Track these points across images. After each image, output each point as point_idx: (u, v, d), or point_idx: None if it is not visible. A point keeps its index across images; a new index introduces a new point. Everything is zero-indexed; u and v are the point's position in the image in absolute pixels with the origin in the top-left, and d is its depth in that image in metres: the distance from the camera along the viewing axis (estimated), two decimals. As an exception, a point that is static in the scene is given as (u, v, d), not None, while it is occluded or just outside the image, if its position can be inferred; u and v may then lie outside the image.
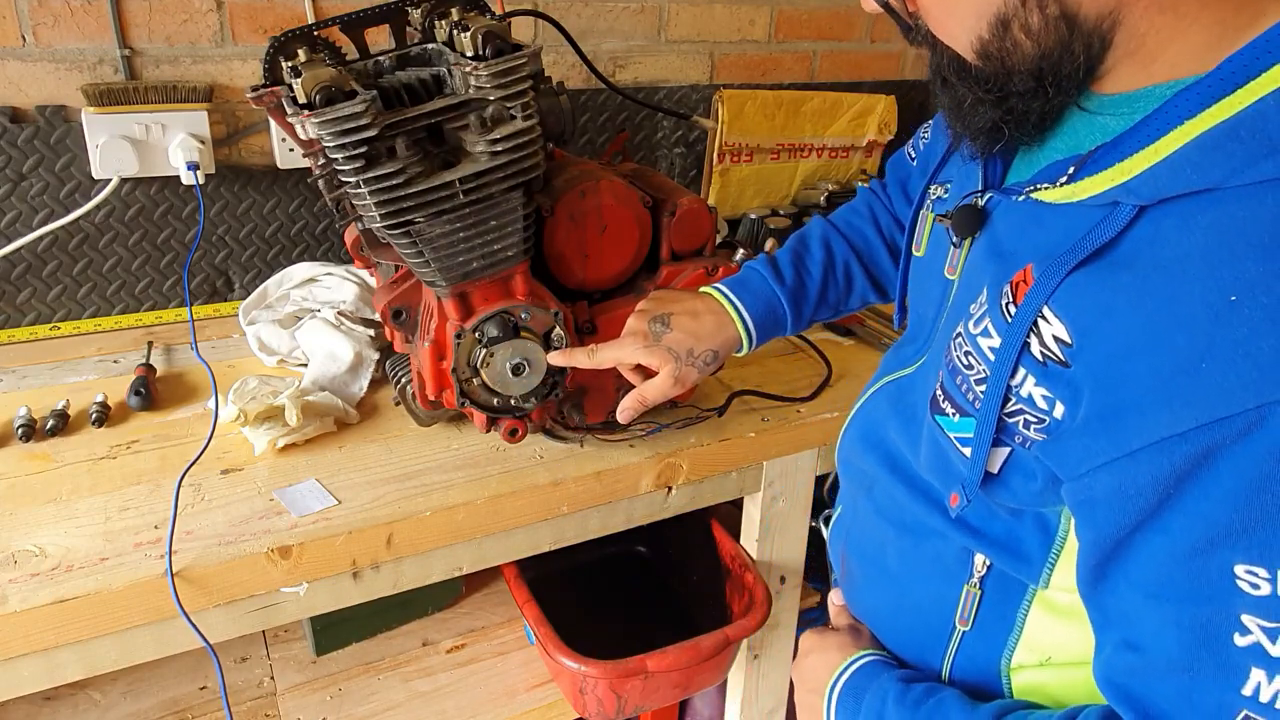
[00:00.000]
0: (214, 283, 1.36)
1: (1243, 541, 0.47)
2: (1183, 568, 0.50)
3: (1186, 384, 0.48)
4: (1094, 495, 0.53)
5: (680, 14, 1.57)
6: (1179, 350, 0.48)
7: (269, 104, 0.88)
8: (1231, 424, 0.46)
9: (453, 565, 0.99)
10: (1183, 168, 0.50)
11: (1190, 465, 0.48)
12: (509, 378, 0.91)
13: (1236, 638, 0.48)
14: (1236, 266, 0.47)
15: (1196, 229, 0.49)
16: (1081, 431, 0.53)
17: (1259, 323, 0.46)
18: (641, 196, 0.98)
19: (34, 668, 0.81)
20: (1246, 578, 0.47)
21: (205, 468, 0.96)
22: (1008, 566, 0.65)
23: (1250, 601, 0.47)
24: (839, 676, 0.74)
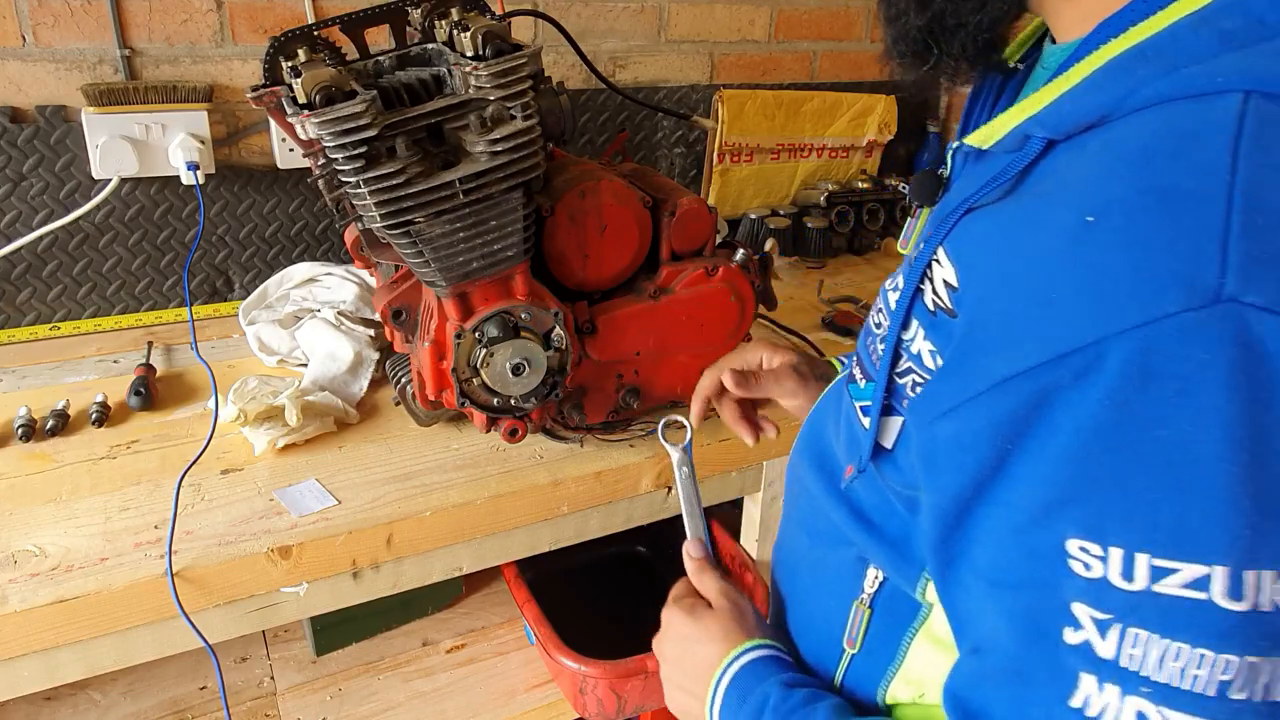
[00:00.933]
0: (214, 283, 1.36)
1: (1075, 510, 0.40)
2: (1017, 545, 0.43)
3: (1035, 317, 0.41)
4: (935, 449, 0.47)
5: (680, 14, 1.57)
6: (1035, 282, 0.42)
7: (269, 104, 0.88)
8: (1069, 362, 0.39)
9: (453, 565, 0.99)
10: (1085, 92, 0.45)
11: (1027, 412, 0.41)
12: (509, 378, 0.91)
13: (1067, 633, 0.41)
14: (1103, 185, 0.41)
15: (1083, 154, 0.44)
16: (937, 377, 0.48)
17: (1110, 246, 0.39)
18: (641, 196, 0.98)
19: (34, 668, 0.81)
20: (1079, 555, 0.40)
21: (205, 468, 0.96)
22: (894, 569, 0.59)
23: (1080, 586, 0.40)
24: (725, 670, 0.64)
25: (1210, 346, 0.36)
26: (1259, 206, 0.37)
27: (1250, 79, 0.40)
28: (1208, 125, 0.39)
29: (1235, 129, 0.39)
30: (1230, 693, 0.37)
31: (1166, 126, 0.41)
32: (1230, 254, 0.36)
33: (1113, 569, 0.39)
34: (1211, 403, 0.36)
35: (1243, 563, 0.36)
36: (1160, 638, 0.38)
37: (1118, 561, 0.38)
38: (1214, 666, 0.37)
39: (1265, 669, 0.37)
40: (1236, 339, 0.36)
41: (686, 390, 1.08)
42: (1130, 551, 0.38)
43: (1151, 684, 0.38)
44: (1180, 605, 0.37)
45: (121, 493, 0.92)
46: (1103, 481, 0.39)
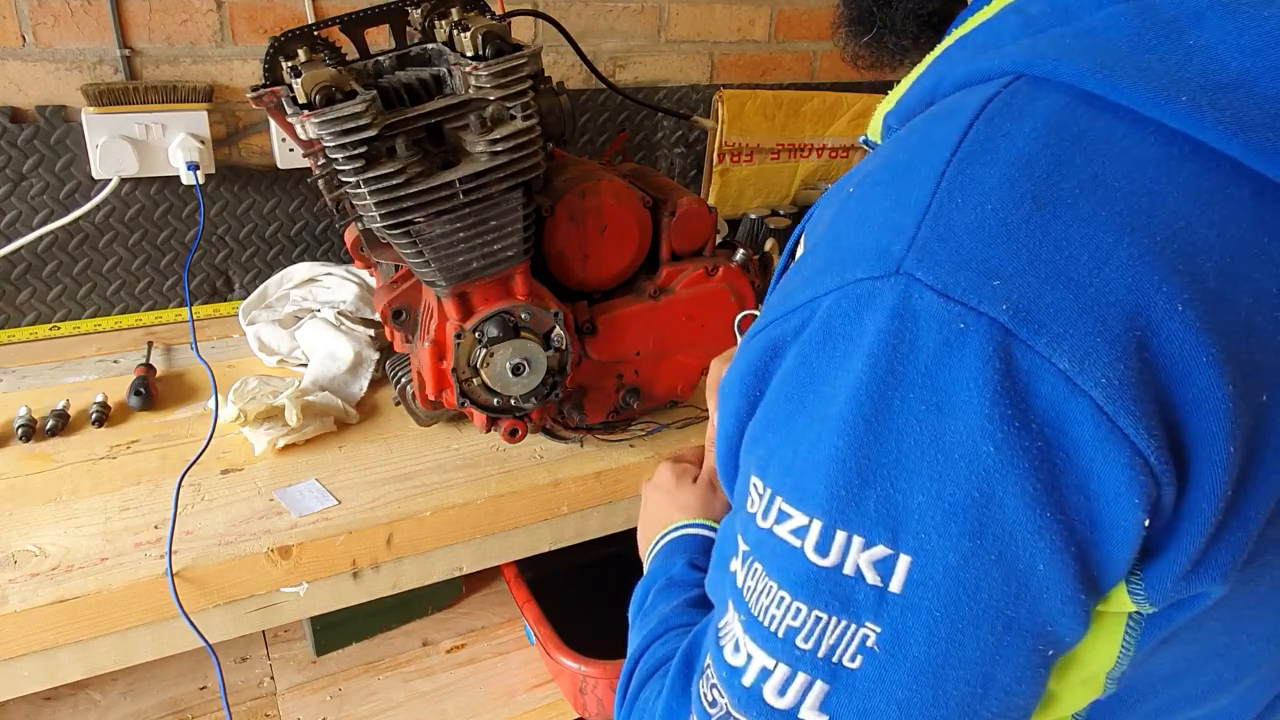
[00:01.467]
0: (214, 283, 1.36)
1: (759, 449, 0.42)
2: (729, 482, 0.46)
3: (789, 277, 0.43)
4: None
5: (680, 14, 1.57)
6: (804, 251, 0.44)
7: (269, 104, 0.88)
8: (793, 317, 0.40)
9: (453, 565, 0.99)
10: (918, 81, 0.46)
11: (764, 362, 0.42)
12: (509, 378, 0.91)
13: (733, 561, 0.43)
14: (867, 165, 0.43)
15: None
16: None
17: (848, 215, 0.41)
18: (641, 196, 0.98)
19: (34, 668, 0.81)
20: (752, 491, 0.42)
21: (205, 468, 0.96)
22: None
23: (745, 519, 0.42)
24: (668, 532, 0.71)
25: (873, 312, 0.37)
26: (961, 186, 0.37)
27: (1020, 63, 0.40)
28: (959, 109, 0.40)
29: (974, 114, 0.39)
30: (796, 640, 0.38)
31: (938, 109, 0.42)
32: (921, 230, 0.37)
33: (759, 506, 0.41)
34: (854, 366, 0.37)
35: (836, 521, 0.37)
36: (765, 575, 0.40)
37: (765, 500, 0.40)
38: (788, 610, 0.39)
39: (833, 629, 0.38)
40: (895, 310, 0.36)
41: (687, 390, 1.08)
42: (774, 493, 0.40)
43: (749, 615, 0.41)
44: (782, 548, 0.39)
45: (121, 493, 0.92)
46: (776, 426, 0.41)
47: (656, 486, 0.76)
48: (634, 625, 0.63)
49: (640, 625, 0.62)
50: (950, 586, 0.36)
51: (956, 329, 0.35)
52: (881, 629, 0.37)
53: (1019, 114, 0.38)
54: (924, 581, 0.36)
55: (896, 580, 0.36)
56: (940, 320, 0.35)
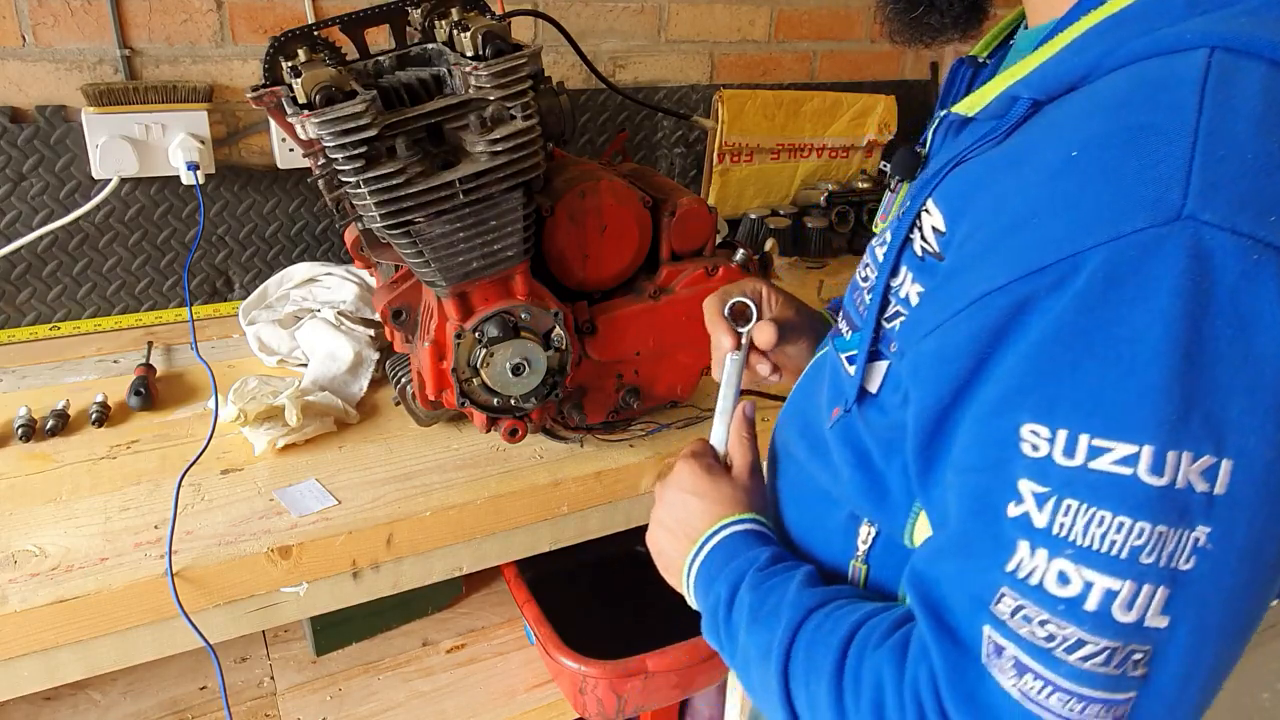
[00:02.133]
0: (214, 283, 1.36)
1: (1032, 399, 0.45)
2: (980, 433, 0.48)
3: (1014, 240, 0.46)
4: (920, 363, 0.51)
5: (680, 14, 1.57)
6: (1016, 211, 0.47)
7: (269, 104, 0.88)
8: (1046, 275, 0.44)
9: (453, 565, 0.99)
10: (1069, 56, 0.50)
11: (1005, 321, 0.45)
12: (509, 378, 0.91)
13: (1010, 507, 0.46)
14: (1084, 126, 0.46)
15: (1066, 107, 0.49)
16: (921, 303, 0.52)
17: (1089, 175, 0.44)
18: (641, 196, 0.98)
19: (34, 668, 0.81)
20: (1029, 438, 0.45)
21: (205, 468, 0.96)
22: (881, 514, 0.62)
23: (1027, 464, 0.45)
24: (717, 531, 0.68)
25: (1167, 257, 0.41)
26: (1220, 141, 0.42)
27: (1214, 37, 0.45)
28: (1177, 74, 0.45)
29: (1202, 76, 0.44)
30: (1140, 557, 0.42)
31: (1140, 77, 0.46)
32: (1192, 180, 0.42)
33: (1057, 448, 0.44)
34: (1160, 305, 0.41)
35: (1167, 444, 0.42)
36: (1088, 507, 0.43)
37: (1062, 441, 0.44)
38: (1130, 533, 0.42)
39: (1171, 539, 0.42)
40: (1189, 250, 0.41)
41: (687, 390, 1.08)
42: (1075, 432, 0.43)
43: (1075, 547, 0.44)
44: (1109, 479, 0.43)
45: (121, 493, 0.92)
46: (1059, 372, 0.44)
47: (687, 488, 0.72)
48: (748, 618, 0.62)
49: (761, 618, 0.61)
50: (1265, 479, 0.42)
51: (1251, 260, 0.41)
52: (1211, 528, 0.42)
53: (1239, 79, 0.44)
54: (1245, 480, 0.42)
55: (1221, 483, 0.42)
56: (1236, 255, 0.41)
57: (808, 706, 0.56)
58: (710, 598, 0.66)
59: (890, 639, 0.52)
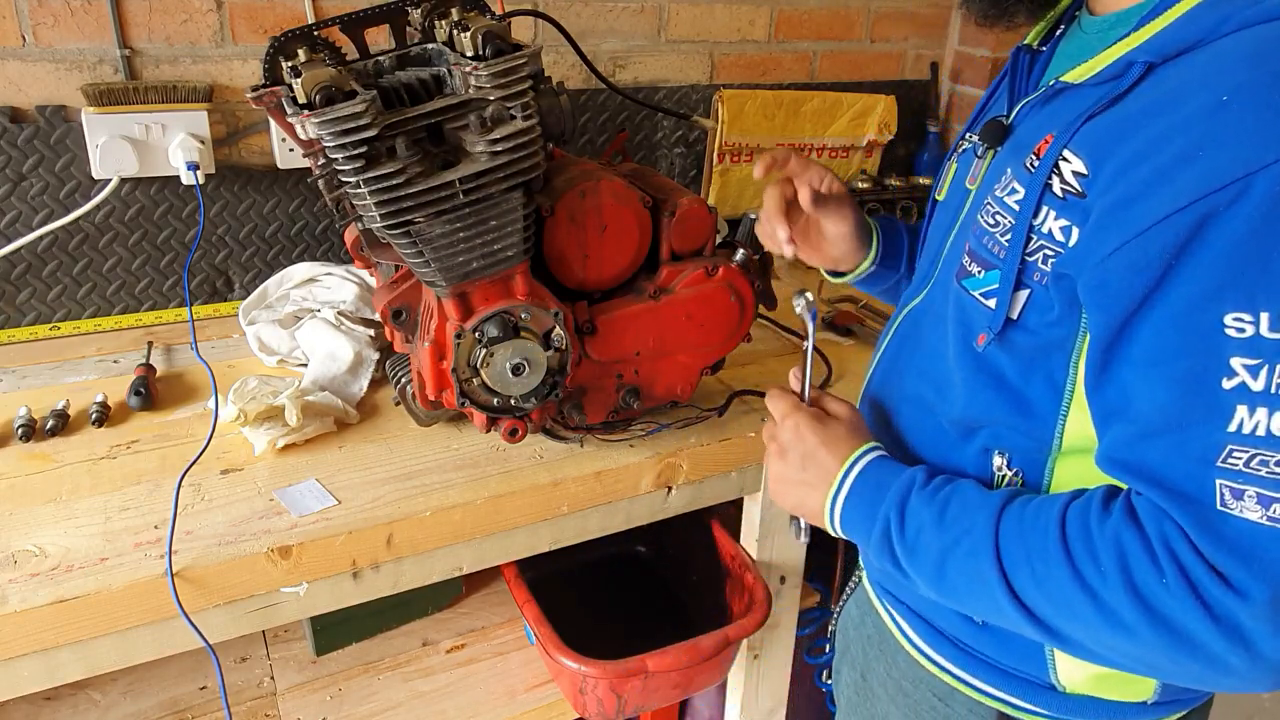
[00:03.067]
0: (214, 283, 1.36)
1: (1231, 292, 0.53)
2: (1177, 329, 0.55)
3: (1187, 169, 0.54)
4: (1106, 277, 0.58)
5: (680, 14, 1.57)
6: (1180, 146, 0.55)
7: (269, 104, 0.88)
8: (1224, 193, 0.53)
9: (453, 565, 0.99)
10: (1184, 24, 0.59)
11: (1189, 233, 0.54)
12: (509, 378, 0.91)
13: (1224, 381, 0.54)
14: (1227, 76, 0.55)
15: (1194, 65, 0.58)
16: (1096, 228, 0.59)
17: (1246, 112, 0.54)
18: (641, 196, 0.98)
19: (34, 668, 0.81)
20: (1234, 325, 0.53)
21: (205, 468, 0.96)
22: (1021, 434, 0.70)
23: (1236, 344, 0.53)
24: (851, 466, 0.74)
25: None
26: None
27: None
28: None
29: None
30: None
31: (1267, 36, 0.56)
32: None
33: (1264, 326, 0.52)
34: None
35: None
36: None
37: (1266, 320, 0.52)
38: None
39: None
40: None
41: (687, 390, 1.08)
42: (1276, 311, 0.52)
43: None
44: None
45: (121, 493, 0.92)
46: (1251, 269, 0.53)
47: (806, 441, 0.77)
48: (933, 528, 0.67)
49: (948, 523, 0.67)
50: None
51: None
52: None
53: None
54: None
55: None
56: None
57: (1037, 588, 0.61)
58: (877, 523, 0.71)
59: (1112, 511, 0.60)
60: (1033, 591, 0.62)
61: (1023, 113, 0.72)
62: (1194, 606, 0.55)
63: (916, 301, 0.83)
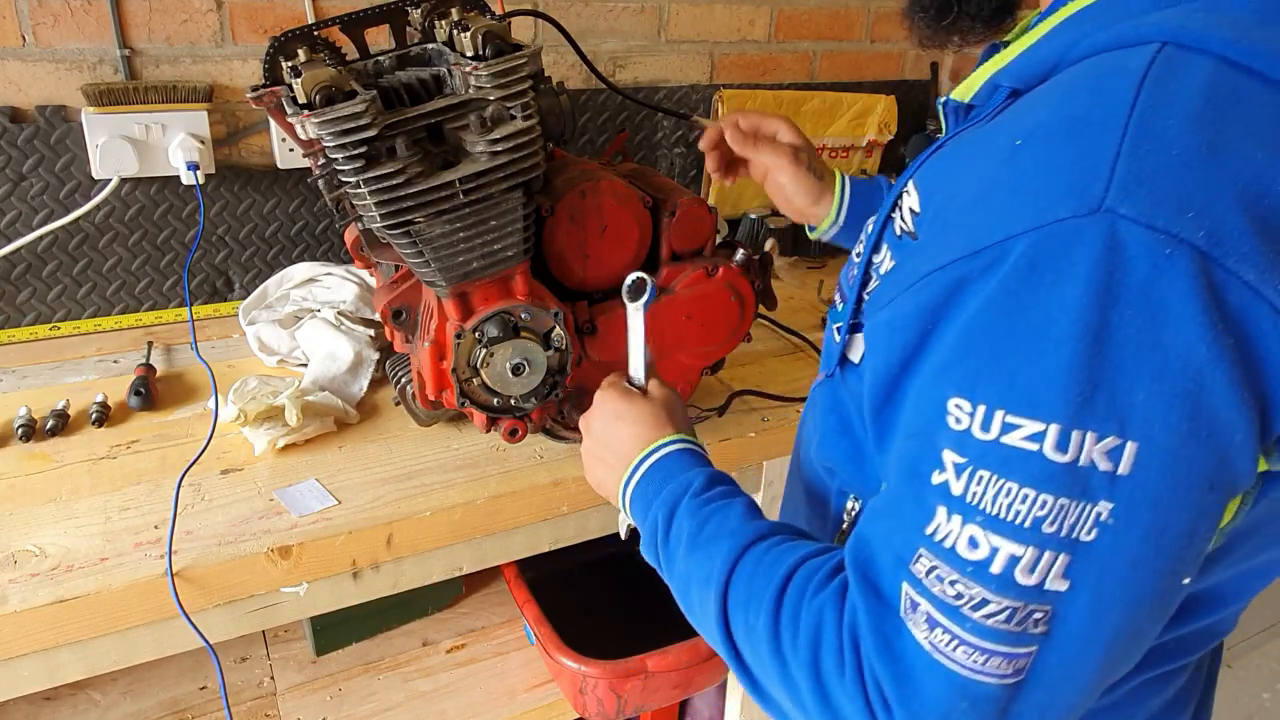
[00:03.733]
0: (214, 283, 1.36)
1: (958, 374, 0.48)
2: (915, 404, 0.51)
3: (962, 222, 0.49)
4: (873, 333, 0.55)
5: (680, 14, 1.57)
6: (971, 190, 0.50)
7: (269, 104, 0.88)
8: (981, 257, 0.47)
9: (453, 565, 0.99)
10: (1040, 46, 0.53)
11: (946, 298, 0.48)
12: (509, 378, 0.91)
13: (934, 475, 0.48)
14: (1031, 115, 0.49)
15: (1030, 96, 0.52)
16: (882, 282, 0.56)
17: (1027, 163, 0.47)
18: (641, 196, 0.98)
19: (34, 668, 0.81)
20: (954, 411, 0.47)
21: (205, 468, 0.96)
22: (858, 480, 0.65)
23: (950, 436, 0.47)
24: (650, 454, 0.69)
25: (1083, 246, 0.43)
26: (1147, 135, 0.44)
27: (1168, 32, 0.47)
28: (1122, 69, 0.47)
29: (1143, 72, 0.46)
30: (1042, 526, 0.45)
31: (1091, 69, 0.49)
32: (1116, 173, 0.43)
33: (975, 422, 0.46)
34: (1073, 292, 0.43)
35: (1072, 424, 0.44)
36: (998, 478, 0.46)
37: (980, 416, 0.46)
38: (1034, 504, 0.45)
39: (1073, 511, 0.44)
40: (1105, 242, 0.43)
41: (687, 390, 1.08)
42: (991, 408, 0.46)
43: (985, 515, 0.46)
44: (1018, 453, 0.45)
45: (121, 493, 0.92)
46: (982, 351, 0.47)
47: (609, 413, 0.74)
48: (687, 543, 0.63)
49: (700, 544, 0.62)
50: (1170, 463, 0.44)
51: (1164, 254, 0.42)
52: (1114, 504, 0.44)
53: (1180, 75, 0.45)
54: (1148, 462, 0.44)
55: (1125, 464, 0.44)
56: (1149, 248, 0.42)
57: (745, 634, 0.57)
58: (648, 520, 0.67)
59: (831, 583, 0.54)
60: (742, 639, 0.58)
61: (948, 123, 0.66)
62: (861, 710, 0.50)
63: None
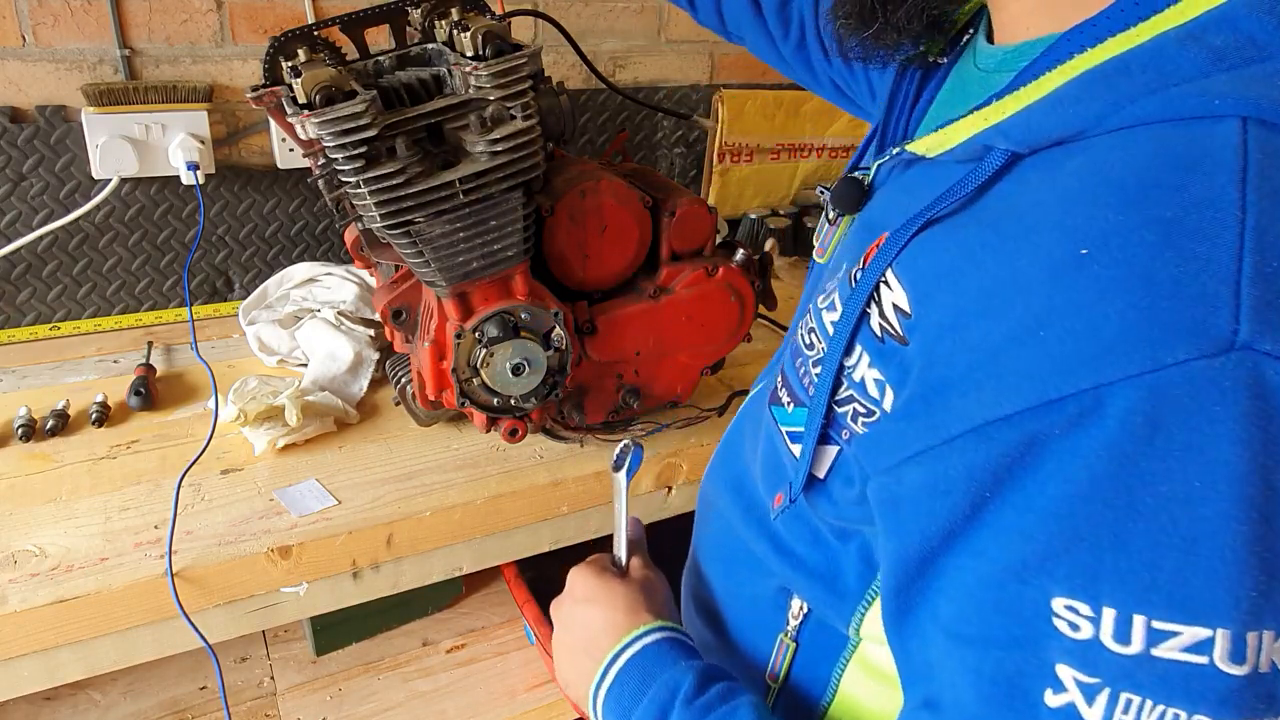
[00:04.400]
0: (214, 283, 1.36)
1: (1064, 566, 0.37)
2: (991, 599, 0.40)
3: (1018, 357, 0.38)
4: (900, 494, 0.43)
5: (680, 14, 1.57)
6: (1014, 315, 0.38)
7: (269, 104, 0.88)
8: (1062, 408, 0.36)
9: (453, 565, 0.99)
10: (1062, 104, 0.41)
11: (1010, 461, 0.38)
12: (509, 378, 0.91)
13: (1048, 696, 0.38)
14: (1094, 215, 0.37)
15: (1061, 174, 0.40)
16: (899, 416, 0.44)
17: (1108, 283, 0.36)
18: (641, 196, 0.98)
19: (34, 668, 0.81)
20: (1065, 615, 0.37)
21: (205, 468, 0.96)
22: (823, 604, 0.56)
23: (1067, 646, 0.37)
24: (624, 647, 0.59)
25: (1223, 397, 0.34)
26: (1270, 248, 0.35)
27: (1245, 104, 0.37)
28: (1208, 155, 0.37)
29: (1240, 162, 0.36)
30: None
31: (1162, 153, 0.38)
32: (1243, 299, 0.34)
33: (1105, 631, 0.36)
34: (1221, 457, 0.34)
35: (1247, 625, 0.35)
36: (1155, 703, 0.36)
37: (1110, 623, 0.36)
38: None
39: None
40: (1250, 389, 0.34)
41: (687, 390, 1.08)
42: (1126, 613, 0.36)
43: None
44: (1179, 669, 0.35)
45: (121, 493, 0.92)
46: (1098, 539, 0.36)
47: (579, 595, 0.65)
48: None
49: None
50: None
51: None
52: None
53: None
54: None
55: None
56: None
57: None
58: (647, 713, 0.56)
59: None
60: None
61: (882, 172, 0.55)
62: None
63: (760, 386, 0.68)
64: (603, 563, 0.69)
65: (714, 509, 0.68)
